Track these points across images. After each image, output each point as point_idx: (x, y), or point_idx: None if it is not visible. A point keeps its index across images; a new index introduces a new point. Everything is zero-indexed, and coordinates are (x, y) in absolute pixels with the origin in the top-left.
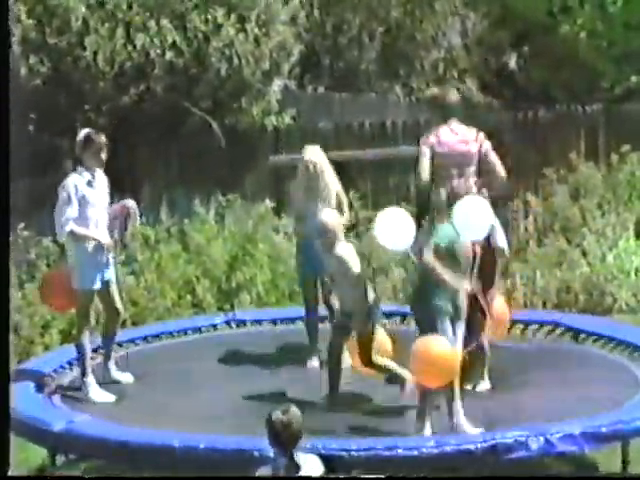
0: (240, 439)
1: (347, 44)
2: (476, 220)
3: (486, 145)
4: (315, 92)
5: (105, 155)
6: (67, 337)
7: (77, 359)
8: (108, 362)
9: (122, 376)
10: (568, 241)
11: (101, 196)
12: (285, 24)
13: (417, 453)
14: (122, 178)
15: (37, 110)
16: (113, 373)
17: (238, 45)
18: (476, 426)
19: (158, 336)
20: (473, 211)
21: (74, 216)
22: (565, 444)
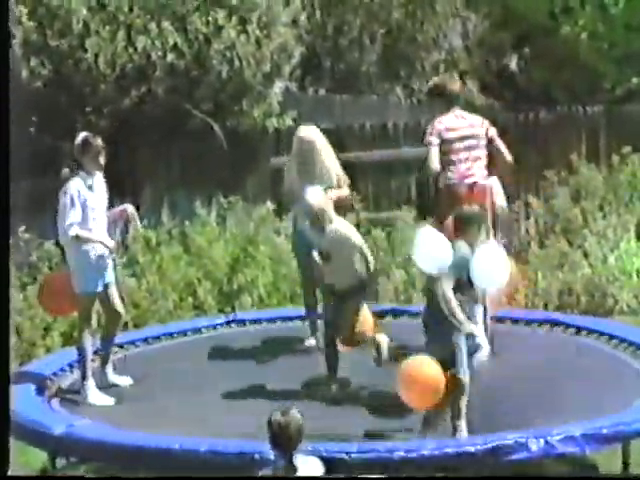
0: (241, 442)
1: (348, 46)
2: (495, 271)
3: (492, 130)
4: (316, 94)
5: (103, 159)
6: (68, 339)
7: (78, 362)
8: (106, 365)
9: (120, 379)
10: (569, 243)
11: (101, 200)
12: (286, 26)
13: (417, 455)
14: (123, 180)
15: (38, 112)
16: (111, 376)
17: (239, 47)
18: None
19: (159, 338)
20: (492, 262)
21: (78, 220)
22: (566, 446)
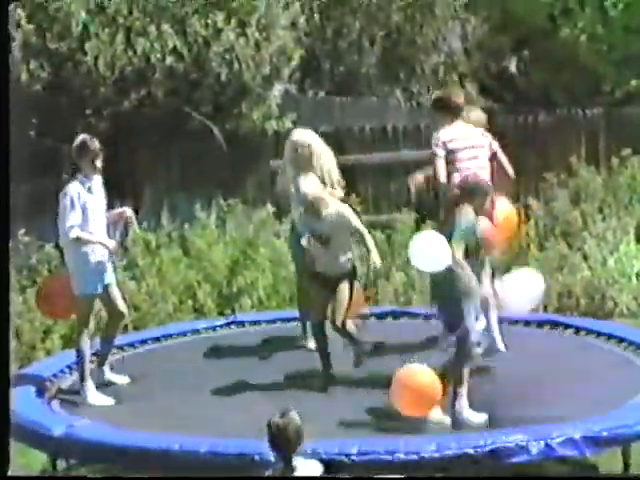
0: (241, 443)
1: (347, 48)
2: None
3: (495, 144)
4: (315, 96)
5: (101, 162)
6: (68, 342)
7: (76, 363)
8: (104, 364)
9: (117, 378)
10: (569, 245)
11: (100, 202)
12: (285, 29)
13: (417, 457)
14: (123, 183)
15: (38, 115)
16: (108, 374)
17: (238, 50)
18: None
19: (158, 339)
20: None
21: (78, 222)
22: (566, 448)
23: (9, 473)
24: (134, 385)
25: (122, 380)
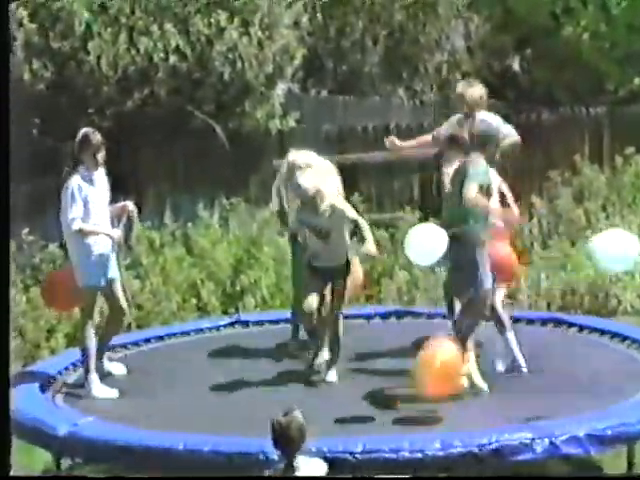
0: (245, 441)
1: (350, 47)
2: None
3: (504, 185)
4: (318, 95)
5: (103, 154)
6: (72, 341)
7: (81, 355)
8: (102, 359)
9: (115, 368)
10: (572, 243)
11: (103, 195)
12: (288, 28)
13: (422, 455)
14: (126, 182)
15: (41, 115)
16: (106, 364)
17: (241, 49)
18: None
19: (162, 338)
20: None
21: (80, 215)
22: (570, 447)
23: (11, 473)
24: (138, 383)
25: (120, 370)
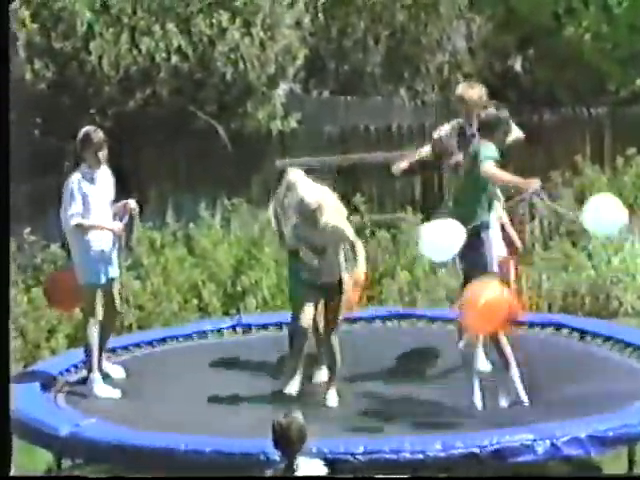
0: (246, 442)
1: (352, 48)
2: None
3: (504, 216)
4: (320, 96)
5: (105, 152)
6: (73, 341)
7: (84, 354)
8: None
9: (113, 370)
10: (573, 244)
11: (104, 193)
12: (290, 28)
13: (423, 456)
14: (128, 182)
15: (43, 115)
16: (104, 365)
17: (243, 49)
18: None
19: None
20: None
21: (78, 211)
22: (571, 448)
23: (12, 473)
24: (137, 386)
25: (118, 372)
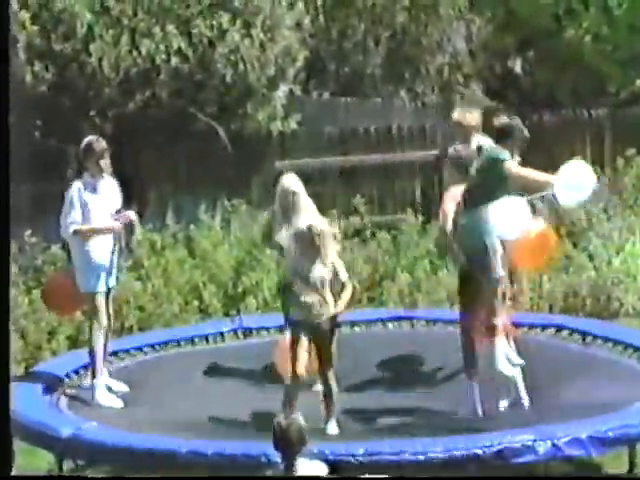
0: (247, 444)
1: (352, 49)
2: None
3: None
4: (320, 97)
5: (107, 161)
6: (74, 343)
7: (89, 359)
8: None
9: (116, 385)
10: (574, 245)
11: (106, 203)
12: (290, 29)
13: (424, 458)
14: (128, 184)
15: (43, 116)
16: (107, 381)
17: (243, 50)
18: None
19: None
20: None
21: (77, 220)
22: (572, 448)
23: (13, 473)
24: (141, 390)
25: (121, 387)
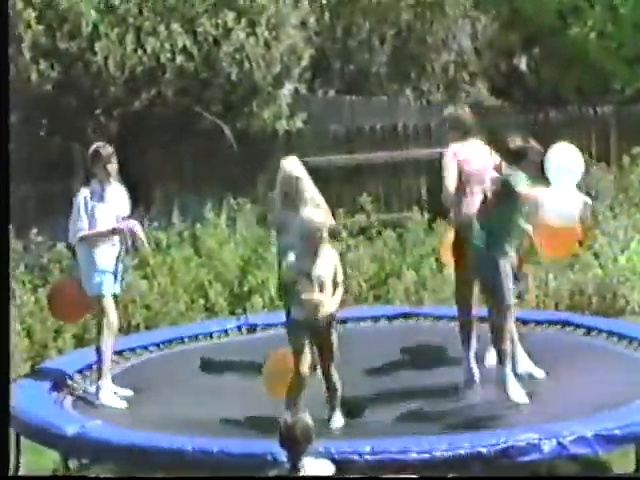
0: (253, 443)
1: (357, 47)
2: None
3: (497, 158)
4: (326, 95)
5: (115, 166)
6: (80, 341)
7: (97, 359)
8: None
9: (120, 390)
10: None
11: (114, 209)
12: (295, 28)
13: (430, 456)
14: (134, 183)
15: (49, 115)
16: (112, 387)
17: (249, 49)
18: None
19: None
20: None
21: (83, 228)
22: (578, 446)
23: (20, 472)
24: (145, 389)
25: (125, 393)
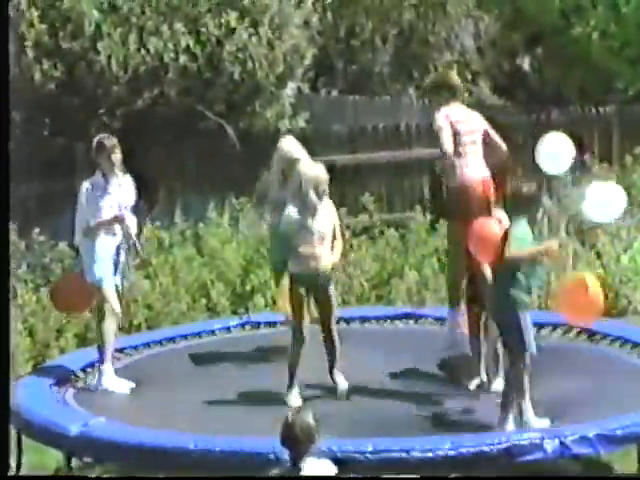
0: (256, 441)
1: (360, 47)
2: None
3: (485, 123)
4: (329, 95)
5: (119, 156)
6: (83, 341)
7: (98, 349)
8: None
9: (122, 383)
10: (582, 243)
11: (118, 200)
12: (298, 28)
13: (432, 455)
14: (137, 182)
15: (52, 115)
16: (112, 379)
17: (252, 49)
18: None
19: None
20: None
21: (85, 219)
22: (580, 446)
23: (23, 472)
24: (149, 385)
25: (126, 386)
